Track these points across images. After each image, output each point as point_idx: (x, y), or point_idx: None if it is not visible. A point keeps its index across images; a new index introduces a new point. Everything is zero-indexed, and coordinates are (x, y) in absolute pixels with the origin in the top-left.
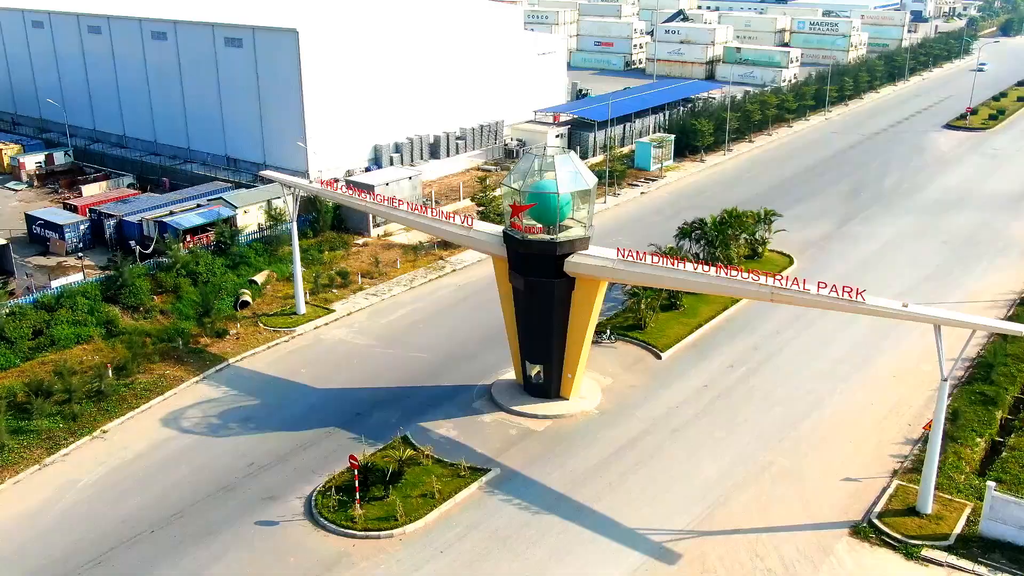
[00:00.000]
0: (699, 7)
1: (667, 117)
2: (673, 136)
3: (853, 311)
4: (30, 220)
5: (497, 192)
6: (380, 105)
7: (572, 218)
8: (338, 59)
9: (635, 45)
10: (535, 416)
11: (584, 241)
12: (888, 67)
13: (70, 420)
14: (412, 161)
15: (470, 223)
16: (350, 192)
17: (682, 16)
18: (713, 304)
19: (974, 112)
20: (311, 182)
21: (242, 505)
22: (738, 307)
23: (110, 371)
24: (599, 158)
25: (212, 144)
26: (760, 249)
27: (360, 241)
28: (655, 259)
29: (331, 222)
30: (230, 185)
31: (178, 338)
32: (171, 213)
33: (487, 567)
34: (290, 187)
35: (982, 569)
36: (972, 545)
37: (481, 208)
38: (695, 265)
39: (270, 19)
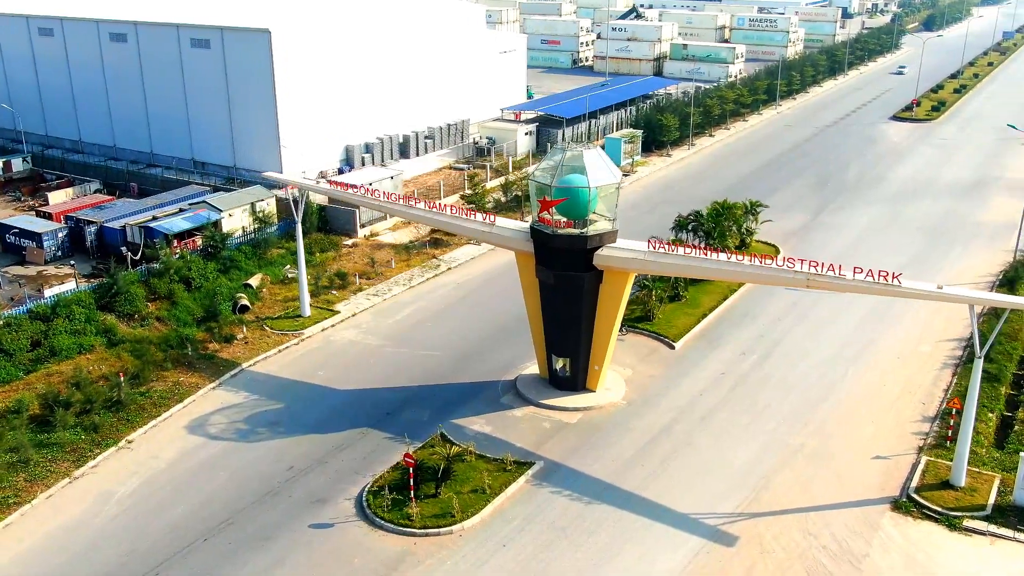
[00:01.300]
0: (641, 5)
1: (630, 113)
2: (641, 131)
3: (890, 294)
4: (3, 228)
5: (490, 185)
6: (350, 105)
7: (596, 212)
8: (308, 59)
9: (582, 43)
10: (566, 409)
11: (612, 234)
12: (830, 62)
13: (91, 431)
14: (383, 161)
15: (493, 220)
16: (357, 191)
17: (635, 14)
18: (713, 295)
19: (918, 104)
20: (317, 182)
21: (291, 509)
22: (737, 297)
23: (123, 380)
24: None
25: (177, 148)
26: (748, 240)
27: (349, 242)
28: (687, 250)
29: (317, 224)
30: (208, 189)
31: (187, 345)
32: (154, 218)
33: (552, 557)
34: (297, 188)
35: (1023, 536)
36: (1008, 514)
37: (472, 205)
38: (728, 255)
39: (231, 20)
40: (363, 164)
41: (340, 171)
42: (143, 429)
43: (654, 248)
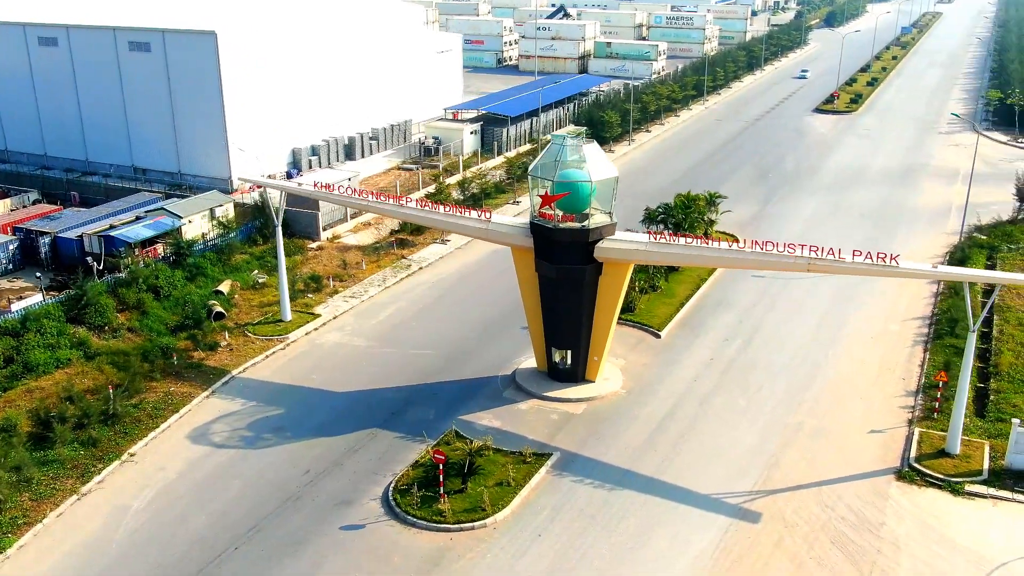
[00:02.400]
0: (553, 4)
1: (567, 111)
2: (585, 128)
3: (889, 275)
4: None
5: (451, 180)
6: (295, 108)
7: (593, 205)
8: (253, 61)
9: (505, 42)
10: (570, 400)
11: (612, 227)
12: (748, 57)
13: (90, 446)
14: (329, 163)
15: (488, 216)
16: (343, 192)
17: (563, 13)
18: (687, 284)
19: (838, 96)
20: (300, 185)
21: (317, 512)
22: (709, 286)
23: (115, 393)
24: (512, 153)
25: (116, 155)
26: (709, 230)
27: (313, 245)
28: (688, 239)
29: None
30: (159, 196)
31: (173, 354)
32: (111, 227)
33: (587, 544)
34: (277, 190)
35: (1021, 497)
36: (1004, 477)
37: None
38: (728, 243)
39: (166, 22)
40: (310, 167)
41: (288, 175)
42: (144, 441)
43: (655, 239)
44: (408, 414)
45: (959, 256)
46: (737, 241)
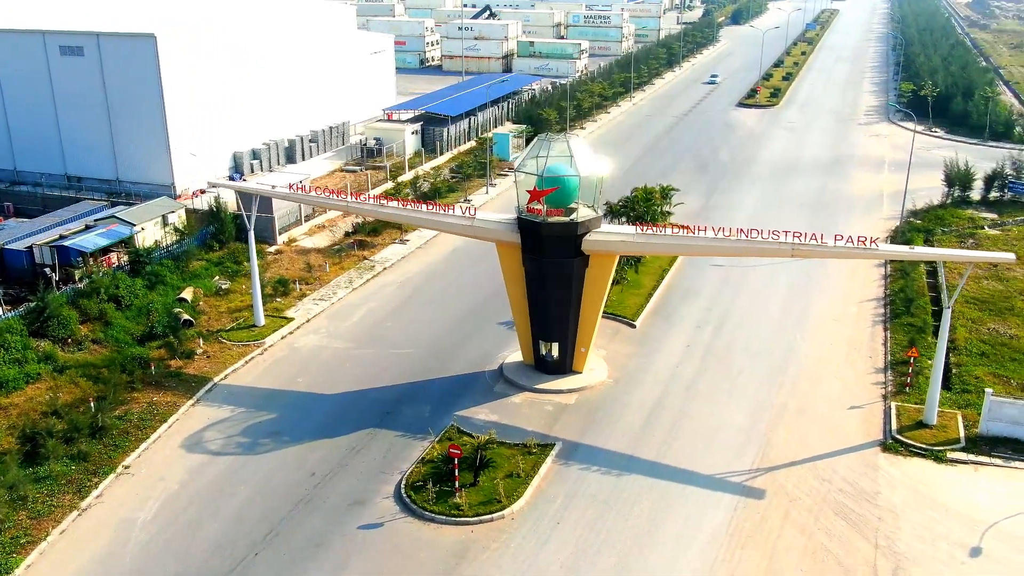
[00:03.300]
0: (464, 5)
1: (501, 109)
2: (525, 126)
3: (870, 257)
4: None
5: (405, 177)
6: (235, 112)
7: (577, 200)
8: (192, 65)
9: (428, 43)
10: (561, 391)
11: (598, 220)
12: (668, 54)
13: (81, 460)
14: (270, 167)
15: (473, 213)
16: (322, 193)
17: (488, 12)
18: (651, 276)
19: (759, 91)
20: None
21: (332, 514)
22: (672, 275)
23: (102, 405)
24: (452, 153)
25: (48, 163)
26: (664, 222)
27: (271, 249)
28: (673, 230)
29: (234, 233)
30: (104, 204)
31: (150, 364)
32: (61, 237)
33: (606, 528)
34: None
35: (998, 461)
36: (980, 443)
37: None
38: (714, 231)
39: (97, 26)
40: (251, 171)
41: (231, 179)
42: (136, 453)
43: (642, 230)
44: (403, 412)
45: (901, 240)
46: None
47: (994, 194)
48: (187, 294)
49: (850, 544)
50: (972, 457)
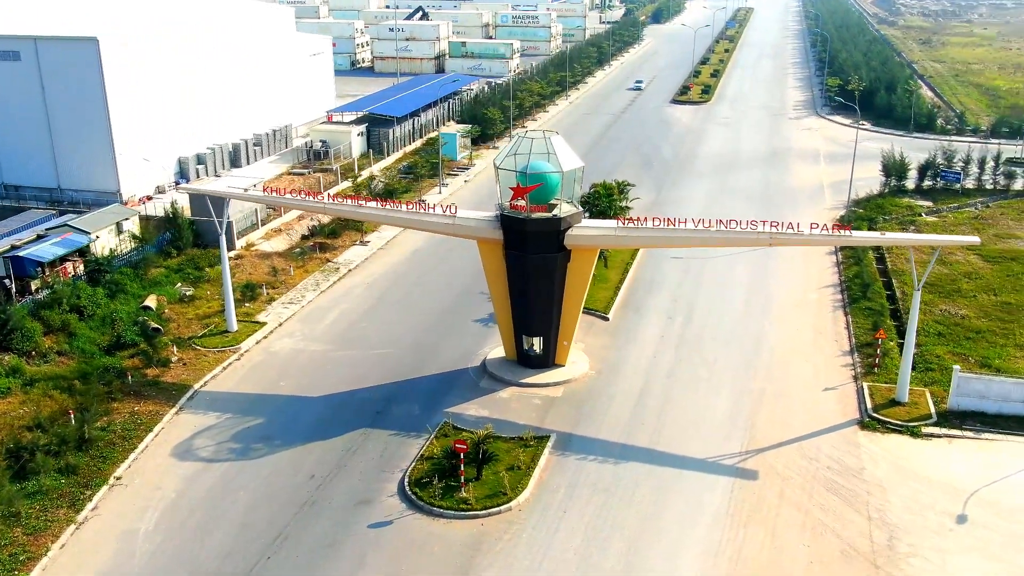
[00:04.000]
0: (386, 6)
1: (443, 110)
2: (472, 126)
3: (844, 243)
4: None
5: (364, 177)
6: (178, 116)
7: (557, 196)
8: (134, 69)
9: (358, 44)
10: (547, 384)
11: (579, 215)
12: (598, 53)
13: (70, 474)
14: (216, 171)
15: (454, 212)
16: (298, 195)
17: (422, 13)
18: (615, 270)
19: (691, 88)
20: (246, 190)
21: (338, 515)
22: (636, 269)
23: (83, 417)
24: (399, 154)
25: None
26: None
27: (232, 254)
28: (654, 222)
29: (191, 239)
30: (52, 213)
31: (127, 373)
32: (13, 247)
33: (613, 514)
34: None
35: (969, 433)
36: (950, 418)
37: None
38: (695, 223)
39: (30, 30)
40: (197, 176)
41: (177, 184)
42: (126, 464)
43: (623, 224)
44: (393, 411)
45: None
46: None
47: (927, 183)
48: (151, 302)
49: (845, 518)
50: (945, 431)
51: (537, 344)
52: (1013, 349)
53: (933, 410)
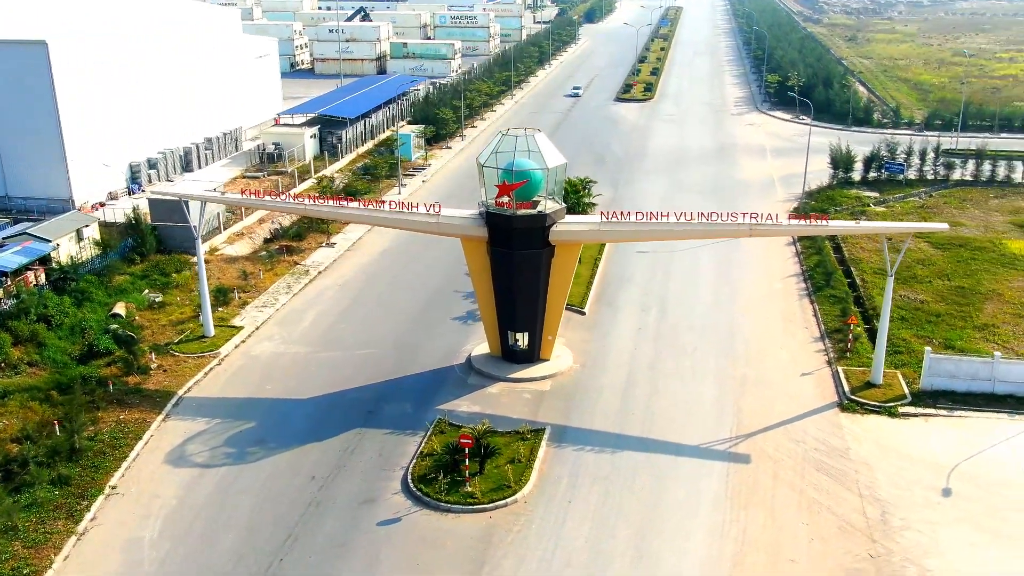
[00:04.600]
0: (319, 8)
1: (392, 111)
2: (426, 126)
3: (820, 232)
4: None
5: (327, 171)
6: (127, 121)
7: (540, 193)
8: (84, 72)
9: (297, 46)
10: (534, 379)
11: (562, 211)
12: (539, 53)
13: (62, 485)
14: (168, 176)
15: (437, 210)
16: (277, 197)
17: (363, 14)
18: (585, 264)
19: (635, 86)
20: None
21: (346, 514)
22: (604, 264)
23: (72, 427)
24: (353, 155)
25: None
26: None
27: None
28: (637, 216)
29: (155, 245)
30: (7, 221)
31: (108, 382)
32: None
33: (617, 502)
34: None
35: (942, 411)
36: (923, 397)
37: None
38: (676, 216)
39: None
40: (149, 181)
41: (130, 191)
42: (119, 473)
43: (607, 218)
44: (385, 410)
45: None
46: None
47: (872, 174)
48: (120, 309)
49: (837, 496)
50: (920, 410)
51: (523, 339)
52: (972, 331)
53: (907, 391)
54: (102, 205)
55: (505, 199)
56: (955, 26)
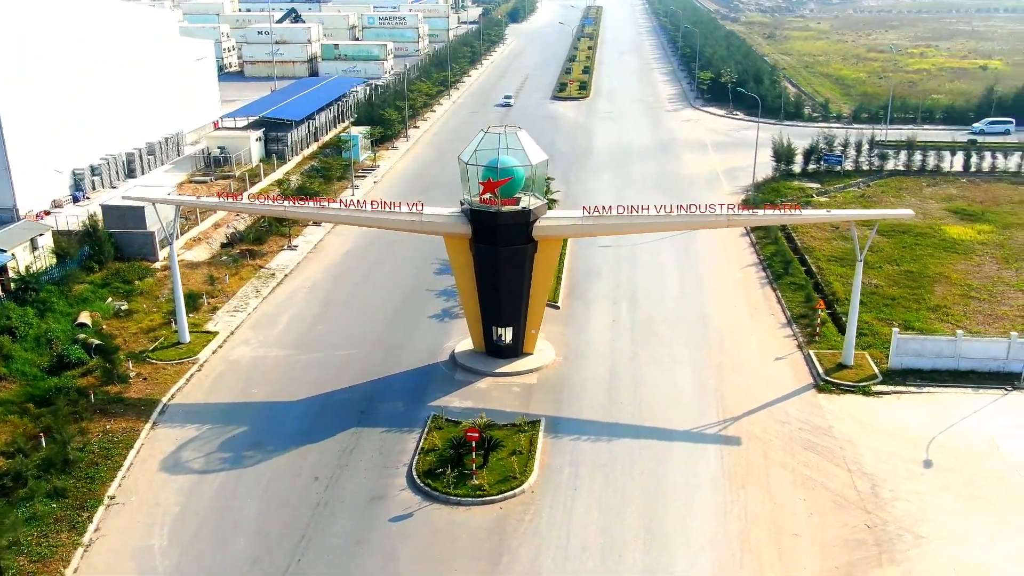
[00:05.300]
0: (239, 9)
1: (333, 112)
2: (371, 127)
3: (794, 221)
4: None
5: (278, 174)
6: (70, 126)
7: (521, 189)
8: (23, 76)
9: (225, 49)
10: (521, 372)
11: (544, 207)
12: (472, 53)
13: (59, 497)
14: (112, 183)
15: (420, 209)
16: (256, 200)
17: (294, 16)
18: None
19: (570, 84)
20: (160, 202)
21: (357, 512)
22: (568, 259)
23: (67, 438)
24: (300, 158)
25: None
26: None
27: (158, 265)
28: (618, 210)
29: (113, 252)
30: None
31: (89, 393)
32: None
33: (622, 487)
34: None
35: (912, 389)
36: (893, 376)
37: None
38: (656, 209)
39: None
40: (93, 188)
41: (75, 198)
42: (116, 483)
43: (589, 212)
44: (378, 409)
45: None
46: None
47: (812, 166)
48: (85, 318)
49: (828, 472)
50: (892, 388)
51: (507, 334)
52: (927, 312)
53: (877, 370)
54: (47, 214)
55: (489, 196)
56: (864, 23)
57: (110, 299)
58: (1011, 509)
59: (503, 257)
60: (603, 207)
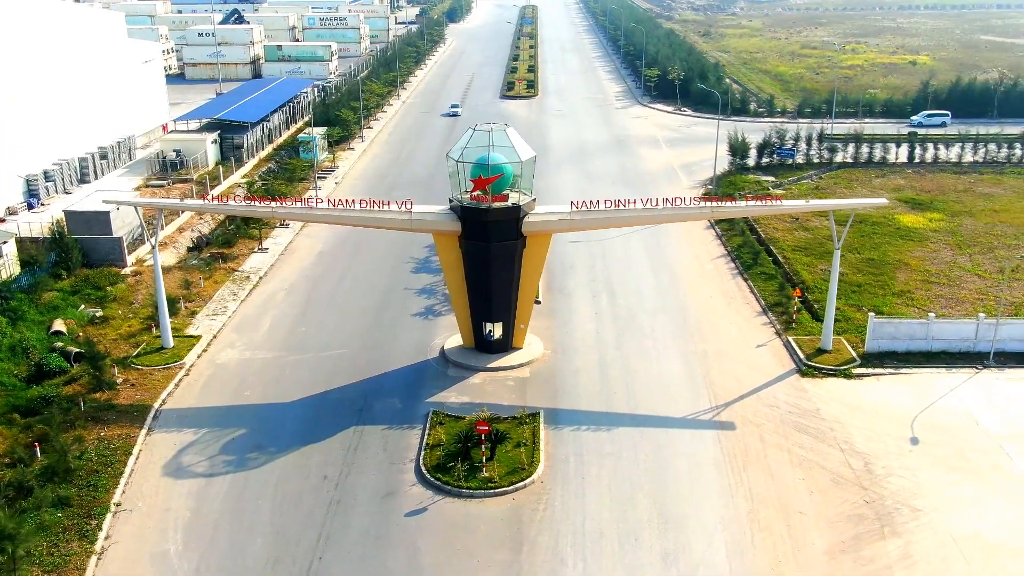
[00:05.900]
0: (171, 11)
1: (286, 113)
2: (328, 128)
3: (776, 212)
4: None
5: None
6: (20, 131)
7: (512, 186)
8: None
9: (164, 51)
10: (513, 367)
11: (533, 203)
12: (416, 53)
13: (64, 506)
14: (66, 188)
15: (410, 207)
16: (243, 202)
17: (237, 16)
18: None
19: (520, 83)
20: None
21: (372, 509)
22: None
23: (66, 446)
24: (256, 160)
25: None
26: None
27: (128, 270)
28: (605, 204)
29: (80, 259)
30: None
31: (80, 401)
32: None
33: (630, 474)
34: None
35: (889, 370)
36: (871, 359)
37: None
38: (642, 202)
39: None
40: (48, 194)
41: (29, 205)
42: (120, 489)
43: (577, 207)
44: (375, 407)
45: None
46: None
47: (765, 160)
48: (60, 326)
49: (822, 452)
50: (871, 370)
51: (497, 329)
52: (892, 297)
53: (855, 354)
54: (2, 221)
55: (479, 193)
56: (794, 21)
57: (83, 306)
58: (998, 480)
59: (493, 253)
60: (590, 202)
